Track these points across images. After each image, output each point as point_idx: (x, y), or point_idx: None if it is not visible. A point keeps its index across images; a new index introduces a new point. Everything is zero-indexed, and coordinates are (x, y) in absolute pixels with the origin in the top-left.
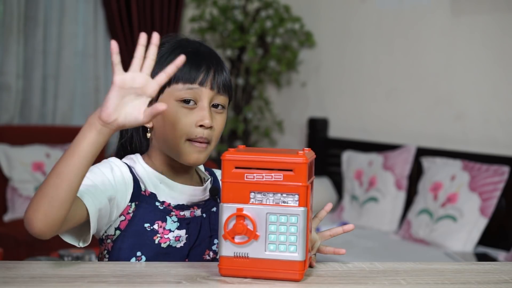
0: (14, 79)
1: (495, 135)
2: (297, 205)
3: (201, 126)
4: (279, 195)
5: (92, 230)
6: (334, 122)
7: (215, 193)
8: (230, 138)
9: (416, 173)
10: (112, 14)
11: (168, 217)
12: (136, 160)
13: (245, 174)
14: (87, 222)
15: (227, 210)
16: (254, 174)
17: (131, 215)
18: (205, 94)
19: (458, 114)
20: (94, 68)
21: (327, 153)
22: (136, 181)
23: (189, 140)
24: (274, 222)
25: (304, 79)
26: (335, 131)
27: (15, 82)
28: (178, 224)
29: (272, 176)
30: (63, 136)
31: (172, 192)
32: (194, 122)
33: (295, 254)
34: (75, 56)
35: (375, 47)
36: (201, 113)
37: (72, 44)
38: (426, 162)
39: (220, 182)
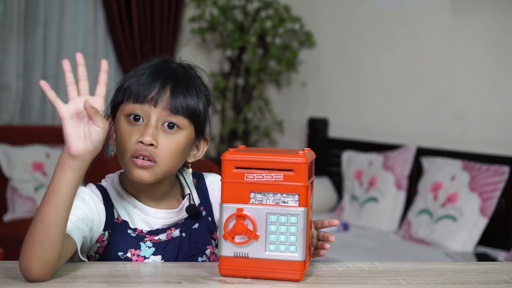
0: (14, 79)
1: (495, 135)
2: (297, 205)
3: (141, 142)
4: (279, 195)
5: (79, 258)
6: (334, 122)
7: (192, 211)
8: (230, 138)
9: (416, 173)
10: (112, 14)
11: (142, 243)
12: (112, 183)
13: (245, 174)
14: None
15: (227, 210)
16: (254, 174)
17: (105, 242)
18: (154, 112)
19: (458, 114)
20: (94, 68)
21: (327, 153)
22: (108, 208)
23: (133, 157)
24: (274, 222)
25: (304, 79)
26: (335, 131)
27: (15, 82)
28: (154, 249)
29: (272, 176)
30: (63, 136)
31: (145, 216)
32: (136, 137)
33: (295, 254)
34: (75, 56)
35: (375, 47)
36: (143, 130)
37: (72, 44)
38: (426, 162)
39: (208, 187)
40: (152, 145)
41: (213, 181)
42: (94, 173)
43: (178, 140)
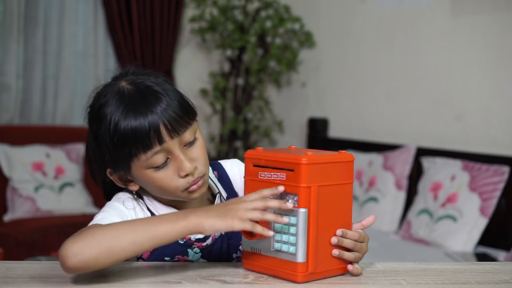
0: (14, 79)
1: (495, 135)
2: (297, 205)
3: (186, 175)
4: (285, 194)
5: None
6: (334, 122)
7: None
8: (230, 138)
9: (416, 173)
10: (112, 14)
11: (189, 250)
12: (145, 196)
13: (259, 172)
14: None
15: None
16: (265, 173)
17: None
18: (172, 145)
19: (458, 114)
20: (94, 68)
21: None
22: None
23: (186, 190)
24: None
25: (304, 79)
26: (335, 131)
27: (15, 82)
28: (201, 254)
29: (277, 175)
30: (63, 136)
31: None
32: (176, 175)
33: (295, 255)
34: (75, 56)
35: (375, 47)
36: (177, 165)
37: (72, 44)
38: (426, 162)
39: (230, 176)
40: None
41: (232, 167)
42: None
43: (201, 143)
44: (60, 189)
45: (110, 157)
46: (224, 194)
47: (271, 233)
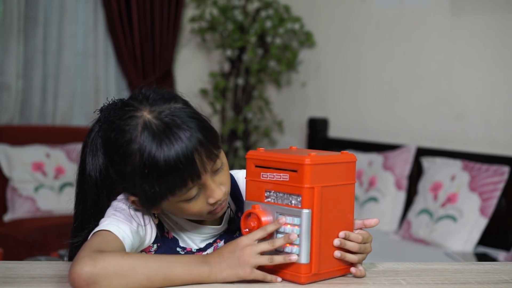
0: (14, 79)
1: (495, 135)
2: (300, 206)
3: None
4: (288, 195)
5: None
6: (334, 122)
7: (235, 226)
8: (230, 138)
9: (416, 173)
10: (112, 14)
11: None
12: None
13: (261, 173)
14: None
15: (246, 206)
16: (268, 173)
17: (152, 253)
18: (204, 179)
19: (458, 114)
20: (94, 68)
21: None
22: (159, 222)
23: (210, 213)
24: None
25: (304, 79)
26: (335, 131)
27: (15, 82)
28: None
29: (280, 176)
30: (63, 136)
31: (189, 233)
32: (205, 202)
33: (298, 256)
34: (75, 56)
35: (375, 47)
36: (207, 193)
37: (72, 44)
38: (426, 162)
39: (241, 187)
40: None
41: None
42: None
43: (226, 166)
44: (60, 189)
45: (141, 193)
46: (234, 208)
47: (279, 279)
